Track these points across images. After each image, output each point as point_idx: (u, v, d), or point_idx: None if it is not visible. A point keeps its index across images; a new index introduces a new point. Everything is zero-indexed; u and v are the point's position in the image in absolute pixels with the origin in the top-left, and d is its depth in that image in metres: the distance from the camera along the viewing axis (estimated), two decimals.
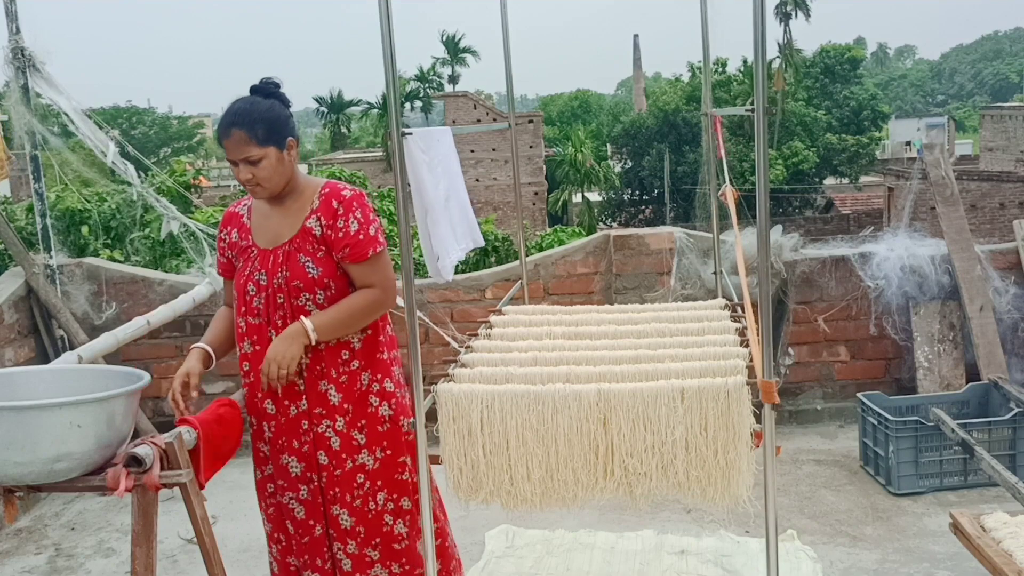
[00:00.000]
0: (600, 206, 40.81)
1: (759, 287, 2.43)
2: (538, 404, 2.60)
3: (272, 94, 2.73)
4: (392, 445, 2.80)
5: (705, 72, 4.38)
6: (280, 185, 2.71)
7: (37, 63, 5.03)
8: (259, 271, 2.73)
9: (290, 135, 2.71)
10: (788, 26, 35.71)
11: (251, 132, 2.62)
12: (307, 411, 2.75)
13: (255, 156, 2.63)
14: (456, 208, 3.48)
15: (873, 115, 41.60)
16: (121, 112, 50.58)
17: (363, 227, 2.70)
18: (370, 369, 2.77)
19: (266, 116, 2.66)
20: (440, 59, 46.34)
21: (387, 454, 2.79)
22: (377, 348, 2.79)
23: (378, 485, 2.78)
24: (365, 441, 2.76)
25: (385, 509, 2.80)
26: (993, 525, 3.04)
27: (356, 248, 2.69)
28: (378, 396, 2.78)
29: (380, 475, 2.78)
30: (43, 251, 5.31)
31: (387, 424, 2.79)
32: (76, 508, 4.75)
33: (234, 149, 2.65)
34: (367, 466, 2.77)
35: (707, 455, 2.57)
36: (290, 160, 2.71)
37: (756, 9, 2.28)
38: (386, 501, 2.80)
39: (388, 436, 2.79)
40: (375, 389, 2.78)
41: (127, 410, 2.52)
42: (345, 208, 2.70)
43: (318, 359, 2.72)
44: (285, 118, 2.71)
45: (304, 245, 2.70)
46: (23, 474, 2.36)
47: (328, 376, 2.73)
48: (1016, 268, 5.31)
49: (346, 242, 2.69)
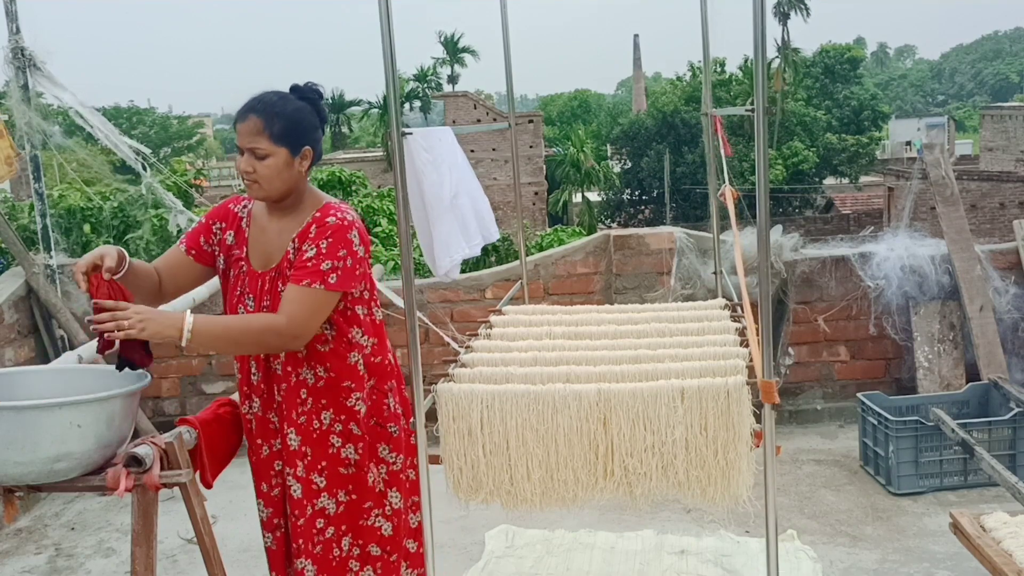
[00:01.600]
0: (600, 206, 40.84)
1: (759, 287, 2.43)
2: (538, 404, 2.60)
3: (308, 99, 2.56)
4: (357, 490, 2.60)
5: (705, 72, 4.38)
6: (279, 191, 2.52)
7: (37, 62, 5.03)
8: (248, 294, 2.57)
9: (308, 144, 2.52)
10: (786, 26, 35.71)
11: (267, 124, 2.46)
12: (280, 451, 2.60)
13: (263, 151, 2.46)
14: (467, 204, 3.45)
15: (873, 115, 41.62)
16: (122, 112, 50.61)
17: (319, 257, 2.45)
18: (332, 408, 2.56)
19: (289, 114, 2.49)
20: (440, 59, 46.35)
21: (351, 499, 2.60)
22: (340, 392, 2.56)
23: (342, 530, 2.60)
24: (325, 484, 2.57)
25: (351, 555, 2.62)
26: (993, 525, 3.04)
27: (298, 271, 2.45)
28: (341, 437, 2.58)
29: (343, 520, 2.60)
30: (43, 251, 5.31)
31: (351, 468, 2.59)
32: (76, 508, 4.75)
33: (245, 136, 2.47)
34: (327, 510, 2.58)
35: (707, 455, 2.57)
36: (299, 169, 2.52)
37: (756, 9, 2.27)
38: (351, 547, 2.62)
39: (353, 480, 2.60)
40: (337, 430, 2.57)
41: (127, 410, 2.52)
42: (318, 233, 2.48)
43: (291, 395, 2.56)
44: (309, 124, 2.53)
45: (284, 272, 2.53)
46: (23, 474, 2.36)
47: (288, 418, 2.56)
48: (1016, 268, 5.31)
49: (295, 263, 2.47)
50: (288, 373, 2.56)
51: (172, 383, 5.51)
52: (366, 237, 2.59)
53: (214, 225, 2.67)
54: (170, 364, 5.40)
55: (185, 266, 2.66)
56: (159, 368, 5.36)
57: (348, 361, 2.57)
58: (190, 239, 2.67)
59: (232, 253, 2.64)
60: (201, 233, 2.67)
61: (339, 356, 2.56)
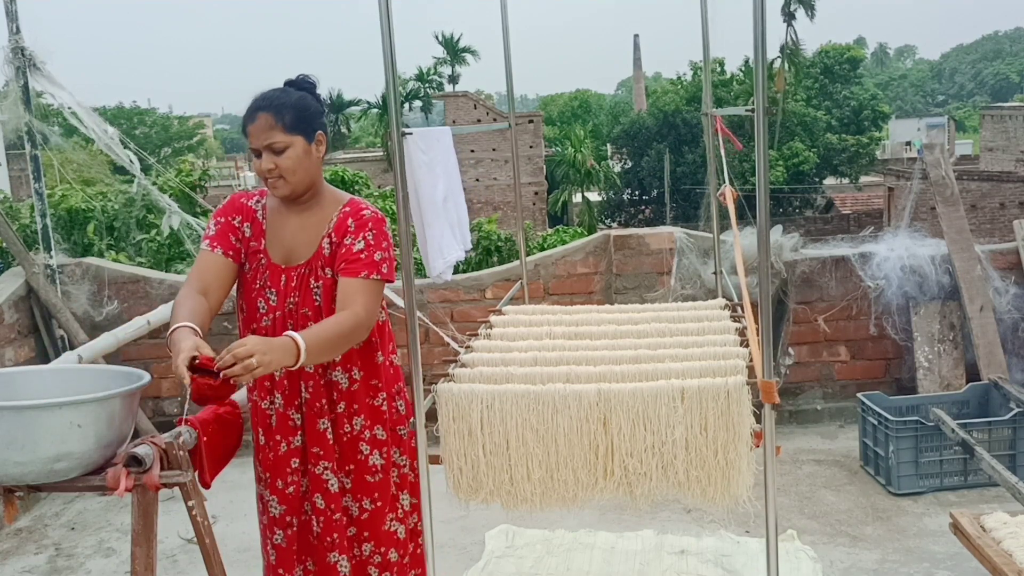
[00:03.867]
0: (600, 206, 40.80)
1: (759, 287, 2.43)
2: (538, 404, 2.60)
3: (305, 89, 2.59)
4: (382, 497, 2.64)
5: (705, 72, 4.38)
6: (304, 182, 2.53)
7: (37, 62, 5.03)
8: (270, 288, 2.58)
9: (319, 128, 2.54)
10: (792, 26, 35.61)
11: (278, 117, 2.46)
12: (300, 448, 2.61)
13: (280, 144, 2.46)
14: (453, 209, 3.48)
15: (873, 115, 41.57)
16: (123, 112, 50.61)
17: (369, 248, 2.49)
18: (363, 414, 2.60)
19: (296, 104, 2.51)
20: (440, 59, 46.32)
21: (376, 506, 2.64)
22: (369, 392, 2.61)
23: (364, 536, 2.65)
24: (351, 487, 2.62)
25: (370, 560, 2.66)
26: (993, 525, 3.04)
27: (352, 264, 2.47)
28: (369, 444, 2.61)
29: (366, 526, 2.64)
30: (43, 251, 5.31)
31: (378, 475, 2.62)
32: (76, 508, 4.75)
33: (258, 135, 2.46)
34: (351, 511, 2.64)
35: (707, 455, 2.57)
36: (317, 156, 2.54)
37: (756, 9, 2.28)
38: (372, 553, 2.66)
39: (379, 488, 2.63)
40: (366, 436, 2.61)
41: (127, 410, 2.52)
42: (358, 226, 2.51)
43: (318, 394, 2.57)
44: (316, 110, 2.55)
45: (316, 269, 2.54)
46: (23, 474, 2.36)
47: (326, 413, 2.58)
48: (1016, 268, 5.31)
49: (345, 257, 2.49)
50: (318, 372, 2.56)
51: (172, 383, 5.51)
52: None
53: (234, 220, 2.64)
54: (170, 364, 5.39)
55: (229, 270, 2.60)
56: (159, 368, 5.36)
57: (376, 360, 2.61)
58: (222, 242, 2.60)
59: (250, 246, 2.63)
60: (228, 232, 2.62)
61: (368, 356, 2.60)
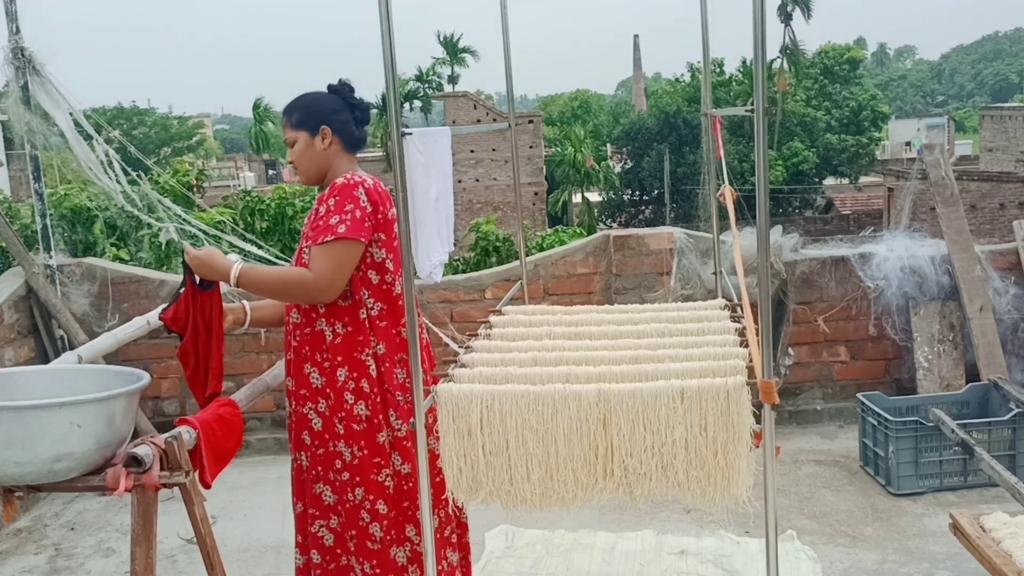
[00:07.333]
0: (600, 206, 40.77)
1: (759, 287, 2.42)
2: (538, 404, 2.60)
3: (335, 90, 2.89)
4: (369, 446, 2.78)
5: (705, 72, 4.38)
6: (311, 172, 2.84)
7: (37, 63, 5.03)
8: None
9: (325, 123, 2.81)
10: (790, 26, 35.56)
11: (288, 116, 2.85)
12: (293, 390, 2.83)
13: (289, 139, 2.84)
14: (443, 210, 3.50)
15: (873, 115, 41.54)
16: (123, 112, 50.59)
17: (329, 214, 2.71)
18: (347, 366, 2.77)
19: (305, 103, 2.84)
20: (440, 59, 46.30)
21: (364, 453, 2.77)
22: (355, 347, 2.77)
23: (356, 481, 2.77)
24: (343, 432, 2.77)
25: (362, 506, 2.78)
26: (993, 525, 3.04)
27: (314, 231, 2.72)
28: (353, 394, 2.77)
29: (357, 471, 2.77)
30: (43, 251, 5.31)
31: (363, 424, 2.77)
32: (76, 508, 4.75)
33: (285, 134, 2.87)
34: (343, 455, 2.78)
35: (707, 455, 2.56)
36: (321, 148, 2.81)
37: (756, 9, 2.27)
38: (363, 499, 2.77)
39: (365, 436, 2.77)
40: (351, 387, 2.77)
41: (127, 410, 2.53)
42: (328, 194, 2.75)
43: (304, 342, 2.79)
44: (325, 108, 2.83)
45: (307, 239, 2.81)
46: (23, 474, 2.36)
47: (312, 359, 2.78)
48: (1016, 268, 5.31)
49: (313, 224, 2.74)
50: (307, 321, 2.80)
51: (172, 383, 5.51)
52: (380, 198, 2.78)
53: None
54: (170, 364, 5.39)
55: None
56: (159, 368, 5.36)
57: (359, 317, 2.77)
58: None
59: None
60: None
61: (352, 313, 2.77)
